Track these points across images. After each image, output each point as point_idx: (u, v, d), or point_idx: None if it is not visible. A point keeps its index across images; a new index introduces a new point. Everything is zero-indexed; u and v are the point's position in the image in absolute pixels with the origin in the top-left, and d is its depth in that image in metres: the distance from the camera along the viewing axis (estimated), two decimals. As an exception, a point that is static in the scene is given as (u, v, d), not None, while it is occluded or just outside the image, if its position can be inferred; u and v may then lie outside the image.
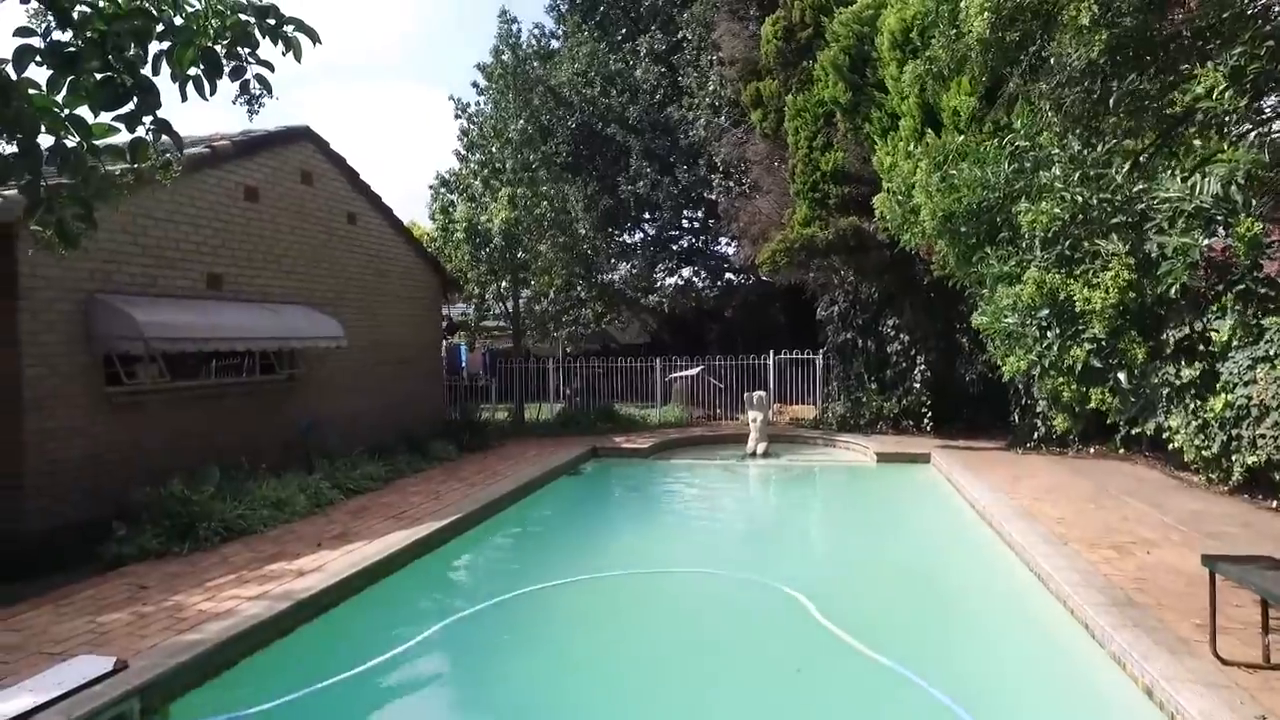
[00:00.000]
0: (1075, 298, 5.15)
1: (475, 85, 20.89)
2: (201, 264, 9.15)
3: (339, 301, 11.63)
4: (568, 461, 12.42)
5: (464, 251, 15.31)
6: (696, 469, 13.17)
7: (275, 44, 2.61)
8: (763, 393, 14.24)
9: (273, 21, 2.51)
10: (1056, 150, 5.44)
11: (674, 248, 26.37)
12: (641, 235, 26.57)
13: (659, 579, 7.29)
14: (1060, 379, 5.29)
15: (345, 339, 10.85)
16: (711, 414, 17.93)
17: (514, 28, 16.23)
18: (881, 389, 15.52)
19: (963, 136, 6.79)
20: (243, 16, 2.48)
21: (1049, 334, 5.35)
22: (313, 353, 10.66)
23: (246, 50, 2.51)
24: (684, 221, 25.70)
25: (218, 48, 2.46)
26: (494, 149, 16.16)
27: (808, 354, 17.01)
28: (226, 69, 2.53)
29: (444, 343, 23.40)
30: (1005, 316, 5.65)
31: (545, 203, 15.70)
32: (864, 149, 13.24)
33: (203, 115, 79.05)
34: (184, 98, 2.59)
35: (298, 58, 2.70)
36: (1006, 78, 5.33)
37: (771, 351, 17.16)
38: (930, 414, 14.82)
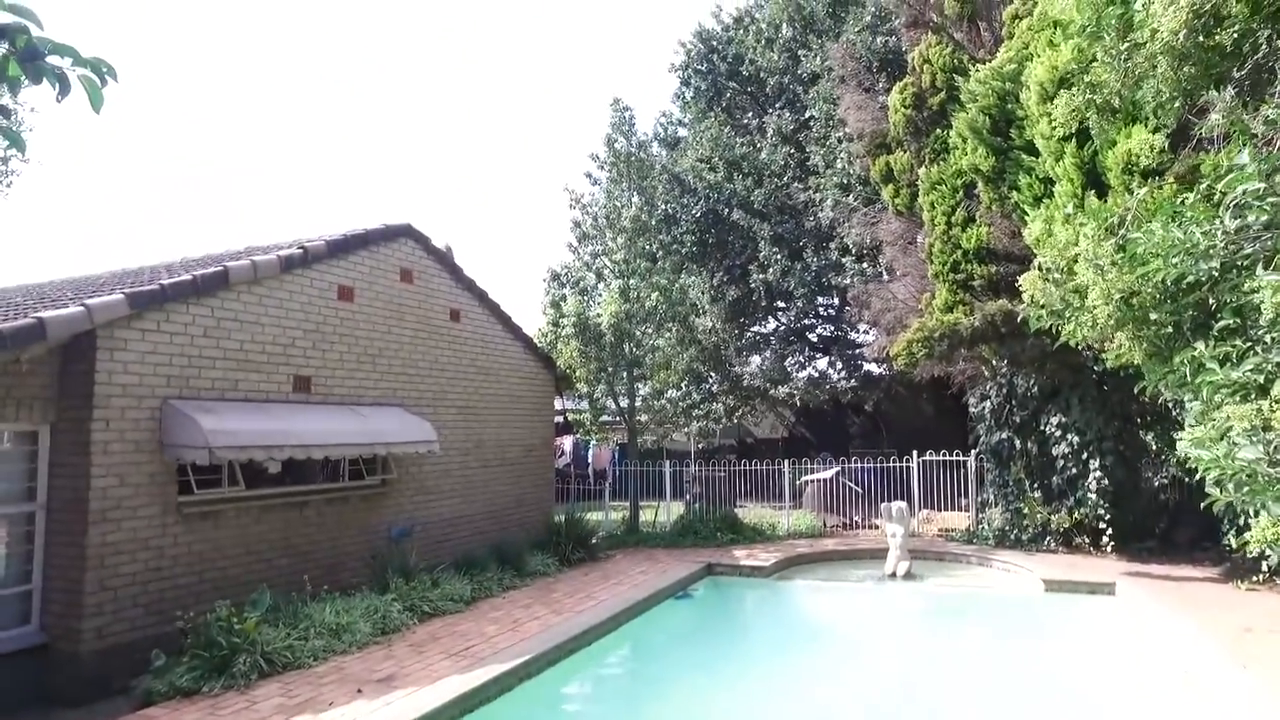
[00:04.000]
0: (1370, 424, 3.30)
1: (588, 175, 20.77)
2: (289, 366, 8.84)
3: (438, 402, 11.12)
4: (675, 583, 10.94)
5: (573, 347, 14.66)
6: (823, 593, 11.34)
7: (38, 81, 1.79)
8: (902, 504, 12.31)
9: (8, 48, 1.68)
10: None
11: (810, 337, 24.86)
12: (775, 325, 25.31)
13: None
14: (1349, 554, 3.43)
15: (438, 443, 10.23)
16: (848, 521, 15.97)
17: (626, 115, 15.87)
18: (1047, 498, 13.13)
19: (1144, 190, 5.07)
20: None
21: (1320, 480, 3.49)
22: (406, 457, 10.11)
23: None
24: (819, 309, 24.21)
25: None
26: (607, 239, 15.66)
27: (957, 455, 14.88)
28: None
29: (570, 439, 22.95)
30: (1238, 448, 3.86)
31: (656, 294, 14.87)
32: (1012, 222, 11.53)
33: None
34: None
35: (95, 105, 1.86)
36: (1205, 108, 3.81)
37: (915, 452, 15.17)
38: (1110, 529, 12.30)
